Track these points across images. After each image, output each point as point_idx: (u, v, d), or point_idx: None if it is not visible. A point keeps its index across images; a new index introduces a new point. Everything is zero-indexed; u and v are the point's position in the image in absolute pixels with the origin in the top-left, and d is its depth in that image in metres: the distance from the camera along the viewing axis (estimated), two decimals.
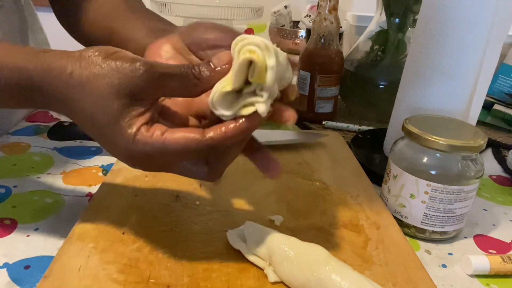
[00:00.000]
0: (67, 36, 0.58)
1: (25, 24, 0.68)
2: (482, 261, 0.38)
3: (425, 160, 0.41)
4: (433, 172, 0.40)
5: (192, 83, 0.29)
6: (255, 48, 0.28)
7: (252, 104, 0.29)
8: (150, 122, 0.30)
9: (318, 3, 0.67)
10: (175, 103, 0.35)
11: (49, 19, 0.85)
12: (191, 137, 0.29)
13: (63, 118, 0.64)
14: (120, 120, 0.29)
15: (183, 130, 0.29)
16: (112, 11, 0.47)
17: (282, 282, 0.33)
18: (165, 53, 0.38)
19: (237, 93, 0.29)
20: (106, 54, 0.29)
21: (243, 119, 0.29)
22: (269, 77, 0.28)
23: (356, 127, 0.69)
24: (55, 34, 0.85)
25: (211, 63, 0.30)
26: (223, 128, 0.29)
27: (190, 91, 0.30)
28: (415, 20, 0.66)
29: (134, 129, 0.29)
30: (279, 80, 0.30)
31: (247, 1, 1.23)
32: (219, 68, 0.30)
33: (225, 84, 0.29)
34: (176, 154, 0.29)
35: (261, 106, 0.28)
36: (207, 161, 0.32)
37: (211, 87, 0.29)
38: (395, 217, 0.43)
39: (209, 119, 0.32)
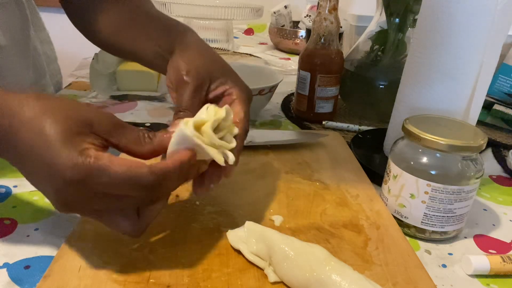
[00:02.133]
0: (68, 35, 0.59)
1: (26, 22, 0.70)
2: (482, 261, 0.38)
3: (425, 160, 0.41)
4: (433, 172, 0.40)
5: (146, 140, 0.33)
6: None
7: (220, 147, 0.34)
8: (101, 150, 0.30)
9: (318, 3, 0.67)
10: None
11: (52, 19, 0.86)
12: (134, 162, 0.29)
13: None
14: (73, 139, 0.29)
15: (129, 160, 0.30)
16: (120, 26, 0.52)
17: (282, 282, 0.33)
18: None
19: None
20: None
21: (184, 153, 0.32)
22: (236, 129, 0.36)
23: (356, 127, 0.69)
24: (57, 33, 0.88)
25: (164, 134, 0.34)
26: (168, 161, 0.31)
27: (142, 145, 0.33)
28: (415, 20, 0.65)
29: (83, 146, 0.29)
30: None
31: (247, 1, 1.23)
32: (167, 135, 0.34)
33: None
34: (115, 180, 0.29)
35: (230, 154, 0.34)
36: (137, 211, 0.33)
37: (161, 147, 0.33)
38: (395, 217, 0.43)
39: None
